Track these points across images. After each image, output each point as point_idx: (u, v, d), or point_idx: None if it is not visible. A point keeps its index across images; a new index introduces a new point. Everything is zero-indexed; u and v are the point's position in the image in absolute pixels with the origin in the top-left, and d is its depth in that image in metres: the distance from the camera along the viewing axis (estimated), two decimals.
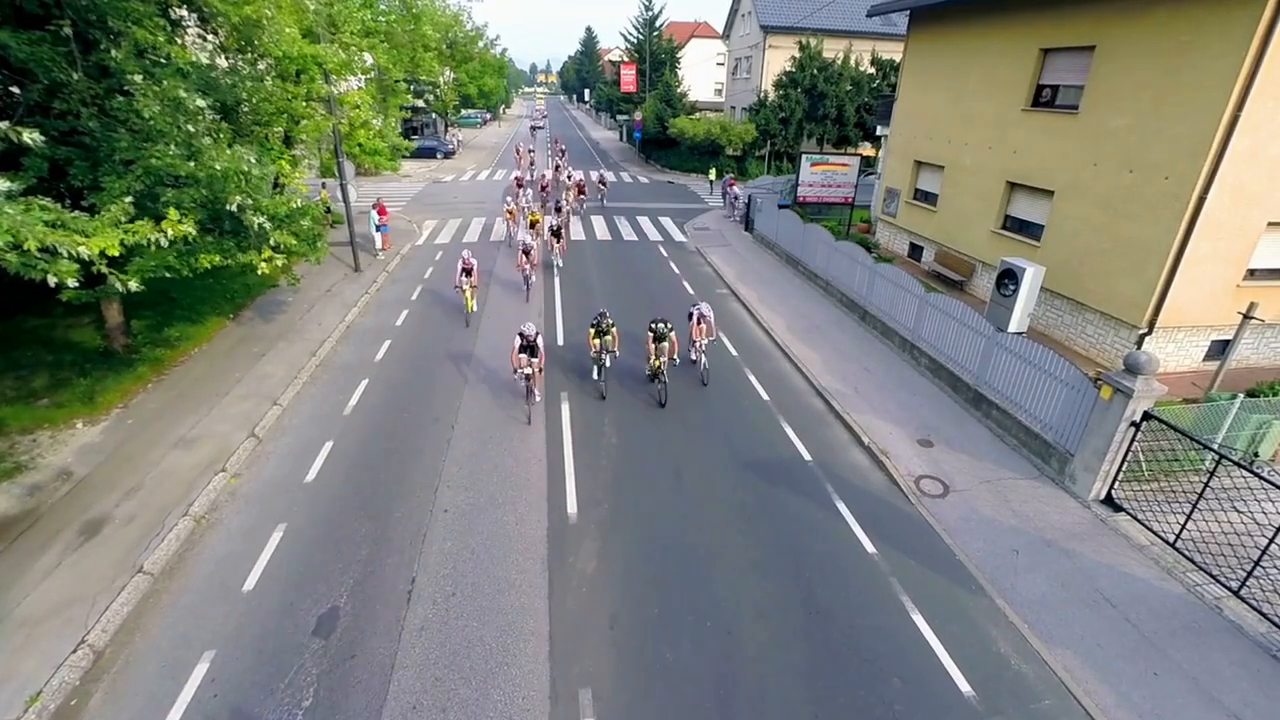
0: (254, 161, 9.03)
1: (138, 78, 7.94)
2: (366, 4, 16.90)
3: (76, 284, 6.05)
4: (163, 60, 9.45)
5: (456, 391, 11.77)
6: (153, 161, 7.96)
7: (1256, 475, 6.92)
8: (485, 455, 9.84)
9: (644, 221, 25.71)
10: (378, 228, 19.82)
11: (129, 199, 7.30)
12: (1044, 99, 15.06)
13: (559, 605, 7.17)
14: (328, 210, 22.68)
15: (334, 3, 14.36)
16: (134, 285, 7.16)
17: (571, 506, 8.75)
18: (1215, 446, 8.03)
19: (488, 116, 75.66)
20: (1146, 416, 8.27)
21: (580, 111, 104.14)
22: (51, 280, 5.87)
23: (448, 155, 43.23)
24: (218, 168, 8.03)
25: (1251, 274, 12.71)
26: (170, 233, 7.06)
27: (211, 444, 9.96)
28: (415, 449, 10.03)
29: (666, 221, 25.90)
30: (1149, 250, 12.27)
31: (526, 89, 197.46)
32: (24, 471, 9.12)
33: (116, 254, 6.26)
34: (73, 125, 9.25)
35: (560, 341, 13.95)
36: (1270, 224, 12.13)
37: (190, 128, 8.29)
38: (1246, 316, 11.29)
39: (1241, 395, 9.39)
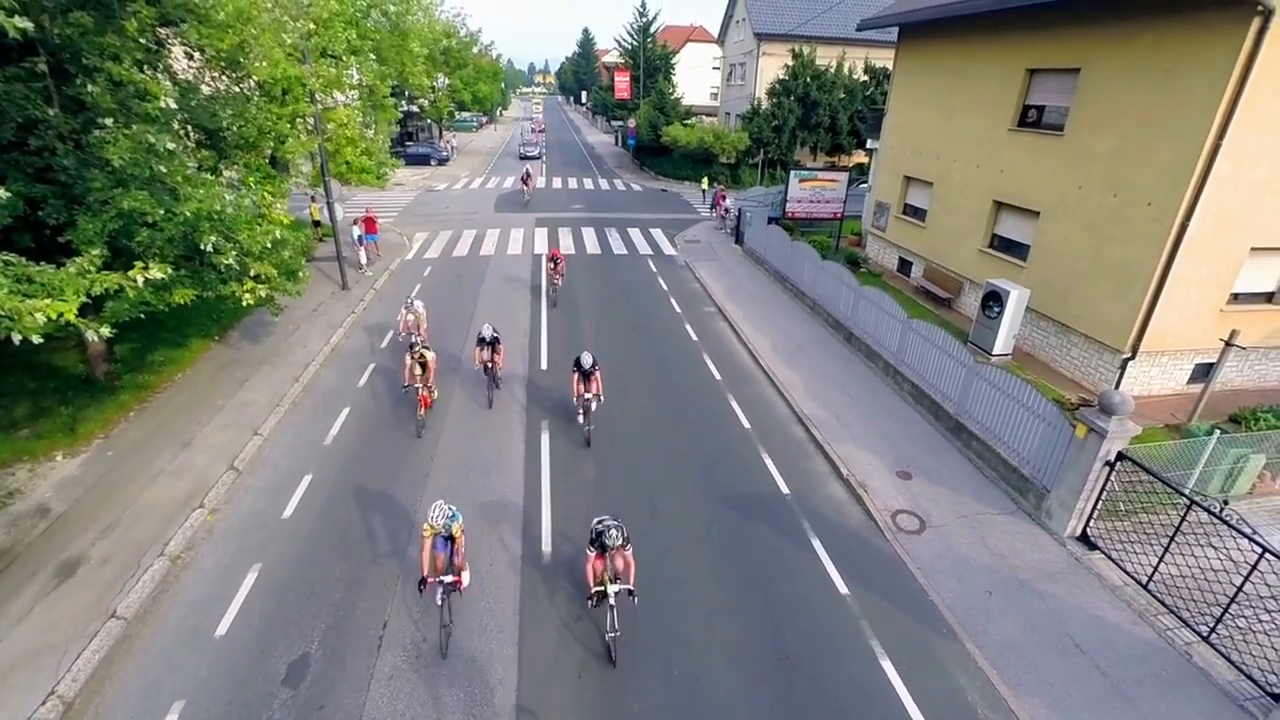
0: (229, 200, 9.03)
1: (109, 120, 7.93)
2: (351, 23, 16.87)
3: (42, 339, 6.06)
4: (142, 94, 9.42)
5: (437, 419, 11.76)
6: (124, 205, 7.96)
7: (1225, 523, 6.93)
8: (464, 489, 9.82)
9: (635, 234, 25.69)
10: (360, 238, 19.70)
11: (97, 251, 7.26)
12: (1030, 119, 15.06)
13: (528, 653, 7.17)
14: (316, 224, 22.67)
15: (315, 34, 14.31)
16: (105, 332, 7.16)
17: (547, 545, 8.76)
18: (1187, 490, 8.03)
19: (484, 120, 75.57)
20: (1121, 457, 8.27)
21: (577, 114, 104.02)
22: (16, 338, 5.88)
23: (442, 162, 43.18)
24: (188, 213, 8.02)
25: (1235, 298, 12.73)
26: (140, 280, 7.05)
27: (190, 477, 9.96)
28: (393, 482, 10.02)
29: (657, 234, 25.88)
30: (1133, 274, 12.27)
31: (524, 89, 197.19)
32: (1, 509, 9.12)
33: (72, 319, 6.26)
34: (48, 162, 9.24)
35: (544, 366, 13.95)
36: (1254, 249, 12.13)
37: (163, 168, 8.27)
38: (1228, 344, 11.33)
39: (1218, 432, 9.38)
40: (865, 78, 34.49)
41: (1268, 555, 6.55)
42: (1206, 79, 10.76)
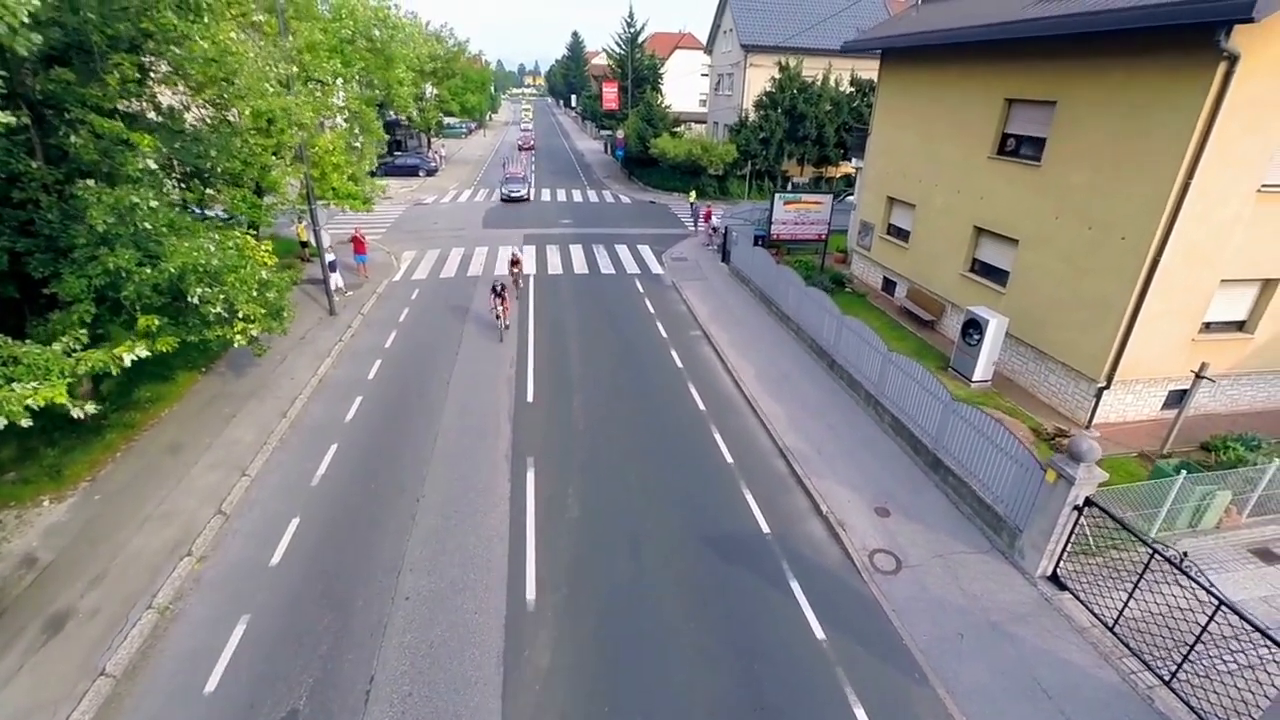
0: (212, 250, 9.13)
1: (91, 181, 8.02)
2: (335, 51, 16.94)
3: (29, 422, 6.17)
4: (126, 142, 9.48)
5: (425, 456, 11.88)
6: (110, 264, 8.06)
7: (1185, 574, 7.17)
8: (449, 532, 9.96)
9: (622, 251, 25.82)
10: (333, 264, 19.32)
11: (84, 331, 7.34)
12: (1009, 148, 15.31)
13: (512, 707, 7.33)
14: (304, 244, 22.70)
15: (300, 74, 14.39)
16: (91, 409, 7.29)
17: (531, 592, 8.89)
18: (1155, 529, 8.28)
19: (473, 126, 75.43)
20: (1089, 502, 8.50)
21: (567, 117, 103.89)
22: (2, 422, 5.98)
23: (430, 173, 43.12)
24: (172, 269, 8.12)
25: (1207, 327, 13.02)
26: (127, 359, 7.15)
27: (178, 522, 10.04)
28: (380, 525, 10.13)
29: (645, 251, 25.99)
30: (1107, 305, 12.55)
31: (514, 90, 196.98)
32: None
33: (63, 402, 6.37)
34: (32, 215, 9.30)
35: (530, 398, 14.08)
36: (1224, 281, 12.42)
37: (147, 225, 8.37)
38: (1199, 376, 11.61)
39: (1184, 471, 9.64)
40: (851, 89, 34.78)
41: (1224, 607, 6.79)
42: (1177, 117, 11.01)
